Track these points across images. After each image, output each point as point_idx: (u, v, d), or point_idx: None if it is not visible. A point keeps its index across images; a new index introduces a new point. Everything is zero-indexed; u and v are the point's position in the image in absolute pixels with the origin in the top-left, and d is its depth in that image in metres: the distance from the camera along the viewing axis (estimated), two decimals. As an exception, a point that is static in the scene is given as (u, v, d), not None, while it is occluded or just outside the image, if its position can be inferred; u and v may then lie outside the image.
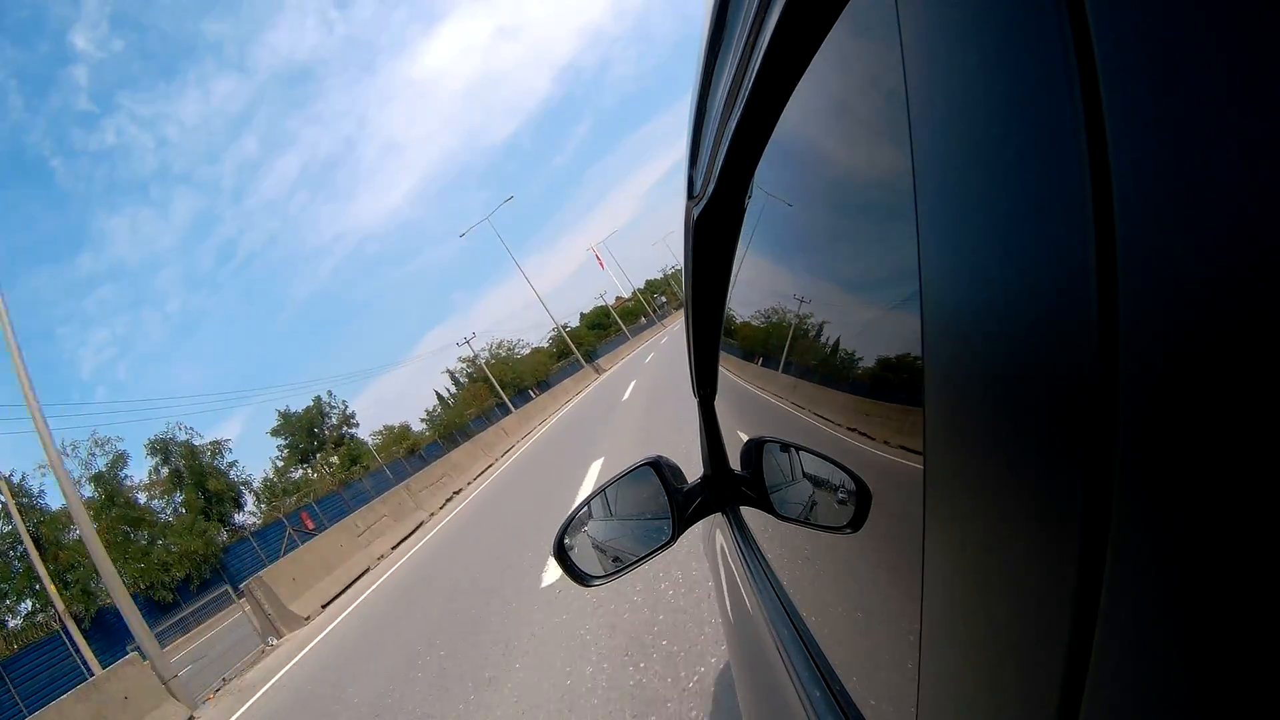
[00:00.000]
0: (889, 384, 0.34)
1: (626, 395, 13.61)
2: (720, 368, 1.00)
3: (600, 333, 67.65)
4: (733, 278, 0.80)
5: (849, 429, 0.42)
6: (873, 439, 0.38)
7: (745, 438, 0.76)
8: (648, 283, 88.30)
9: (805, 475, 0.56)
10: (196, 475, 27.76)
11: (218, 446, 29.54)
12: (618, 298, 78.51)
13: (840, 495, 0.45)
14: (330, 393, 47.05)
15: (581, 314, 73.75)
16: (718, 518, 1.09)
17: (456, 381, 48.95)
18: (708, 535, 1.29)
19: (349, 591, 8.51)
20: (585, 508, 0.92)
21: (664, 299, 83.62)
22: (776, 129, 0.50)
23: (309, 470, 37.61)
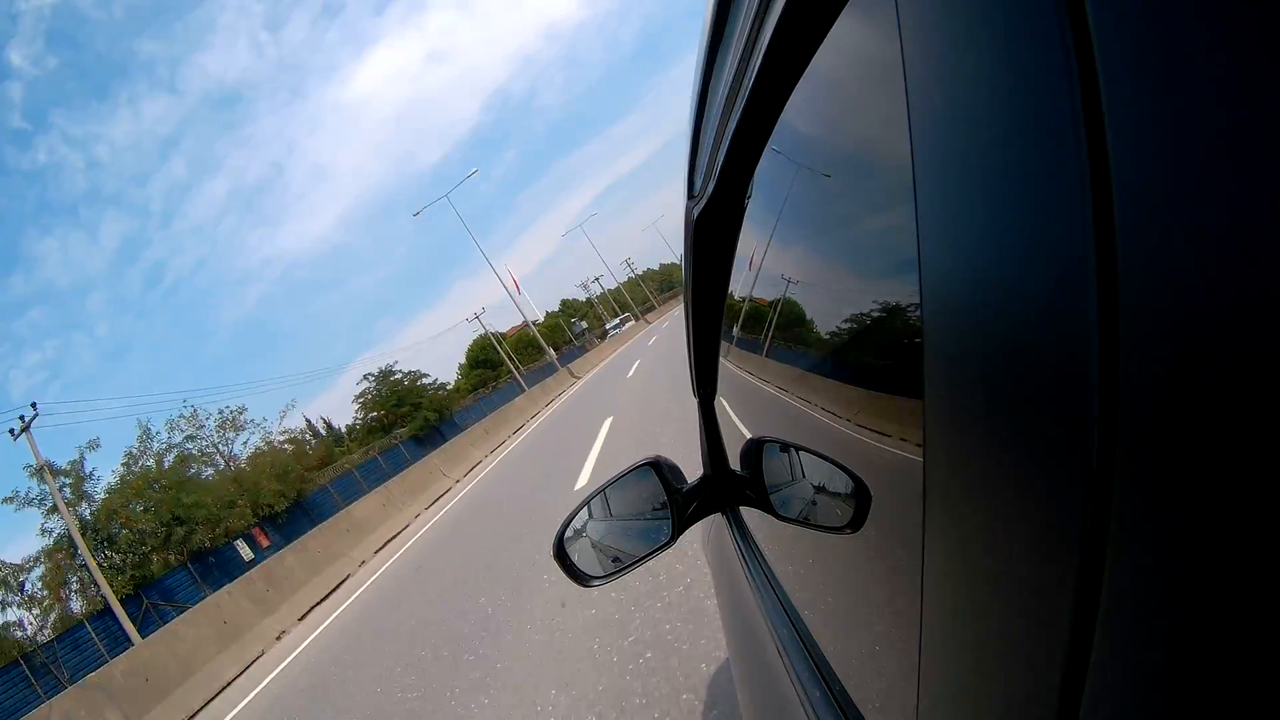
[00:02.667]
0: (889, 384, 0.34)
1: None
2: (720, 366, 1.00)
3: (487, 373, 43.01)
4: (732, 277, 0.80)
5: (849, 429, 0.42)
6: (873, 439, 0.38)
7: (745, 438, 0.76)
8: (564, 303, 65.99)
9: (805, 475, 0.56)
10: None
11: None
12: (520, 324, 53.33)
13: (840, 495, 0.45)
14: None
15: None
16: (718, 518, 1.09)
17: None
18: (708, 535, 1.29)
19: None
20: (585, 508, 0.92)
21: (584, 324, 61.25)
22: (776, 129, 0.50)
23: None
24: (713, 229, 0.74)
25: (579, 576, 0.87)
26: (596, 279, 61.97)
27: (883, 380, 0.35)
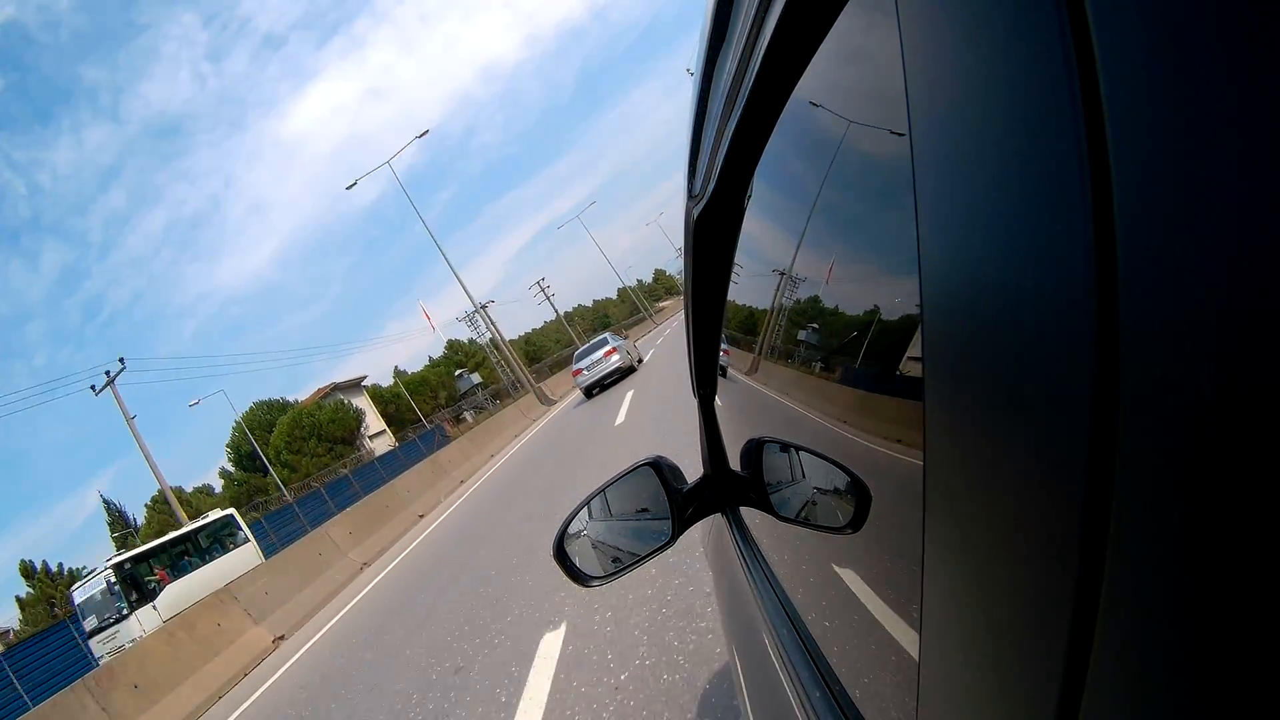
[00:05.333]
0: (889, 384, 0.34)
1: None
2: (720, 367, 1.00)
3: (256, 479, 29.21)
4: (733, 277, 0.80)
5: (849, 429, 0.42)
6: (873, 439, 0.38)
7: (745, 438, 0.76)
8: (451, 346, 44.65)
9: (805, 475, 0.56)
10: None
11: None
12: (324, 387, 36.61)
13: (840, 495, 0.45)
14: None
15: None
16: (718, 518, 1.09)
17: None
18: (708, 535, 1.29)
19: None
20: (585, 508, 0.92)
21: (476, 377, 40.13)
22: (776, 129, 0.50)
23: None
24: (713, 229, 0.74)
25: (578, 576, 0.87)
26: (484, 307, 35.49)
27: (883, 380, 0.35)
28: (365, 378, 39.70)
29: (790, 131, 0.48)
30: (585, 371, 15.73)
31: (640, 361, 16.98)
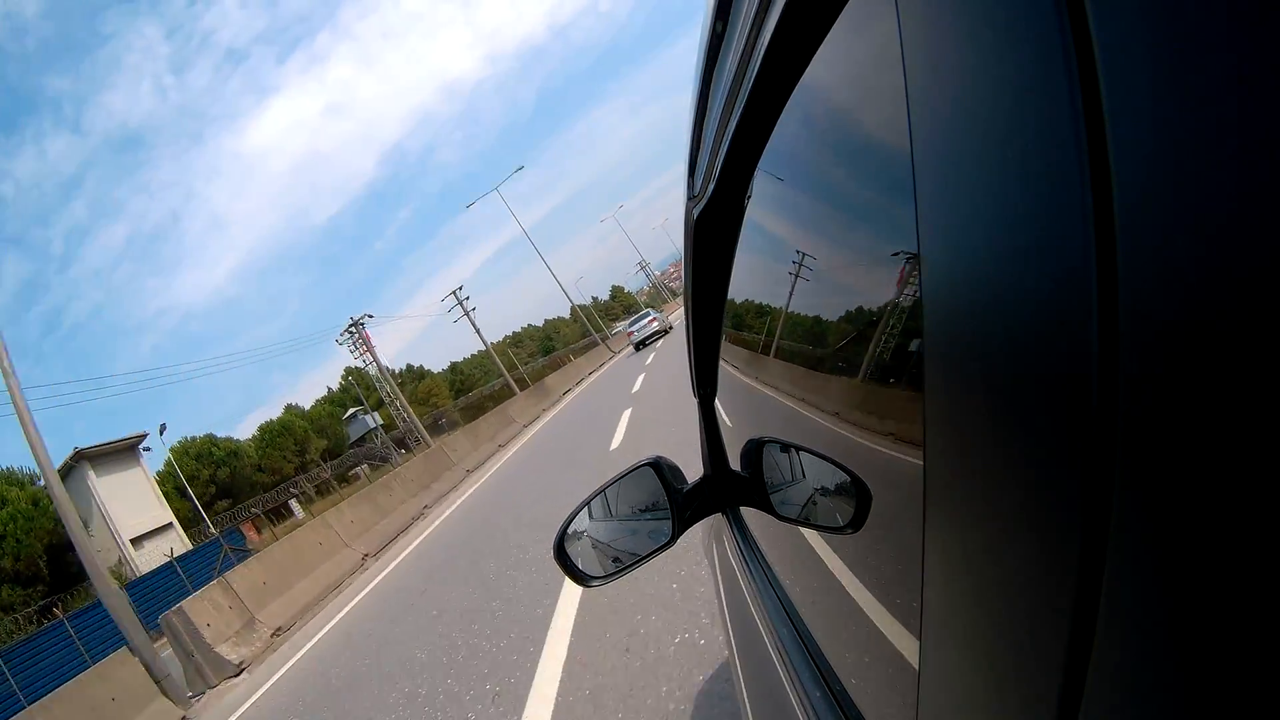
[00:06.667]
0: (889, 383, 0.34)
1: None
2: (720, 367, 1.00)
3: None
4: (733, 277, 0.80)
5: (849, 429, 0.42)
6: (873, 438, 0.38)
7: (745, 438, 0.76)
8: (350, 373, 30.81)
9: (805, 475, 0.56)
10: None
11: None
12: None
13: (840, 495, 0.45)
14: None
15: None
16: (718, 518, 1.09)
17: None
18: (708, 536, 1.29)
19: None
20: (585, 508, 0.92)
21: (374, 419, 28.29)
22: (776, 129, 0.50)
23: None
24: (713, 229, 0.74)
25: (579, 576, 0.87)
26: (358, 322, 27.21)
27: (883, 380, 0.35)
28: (145, 437, 24.60)
29: (790, 131, 0.48)
30: (635, 332, 23.24)
31: (671, 328, 23.23)
